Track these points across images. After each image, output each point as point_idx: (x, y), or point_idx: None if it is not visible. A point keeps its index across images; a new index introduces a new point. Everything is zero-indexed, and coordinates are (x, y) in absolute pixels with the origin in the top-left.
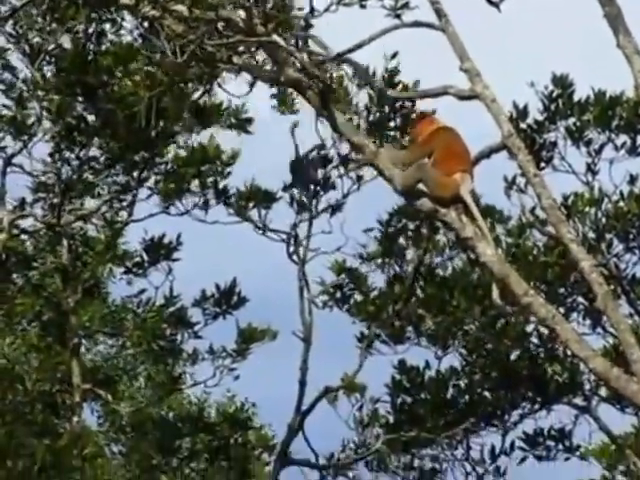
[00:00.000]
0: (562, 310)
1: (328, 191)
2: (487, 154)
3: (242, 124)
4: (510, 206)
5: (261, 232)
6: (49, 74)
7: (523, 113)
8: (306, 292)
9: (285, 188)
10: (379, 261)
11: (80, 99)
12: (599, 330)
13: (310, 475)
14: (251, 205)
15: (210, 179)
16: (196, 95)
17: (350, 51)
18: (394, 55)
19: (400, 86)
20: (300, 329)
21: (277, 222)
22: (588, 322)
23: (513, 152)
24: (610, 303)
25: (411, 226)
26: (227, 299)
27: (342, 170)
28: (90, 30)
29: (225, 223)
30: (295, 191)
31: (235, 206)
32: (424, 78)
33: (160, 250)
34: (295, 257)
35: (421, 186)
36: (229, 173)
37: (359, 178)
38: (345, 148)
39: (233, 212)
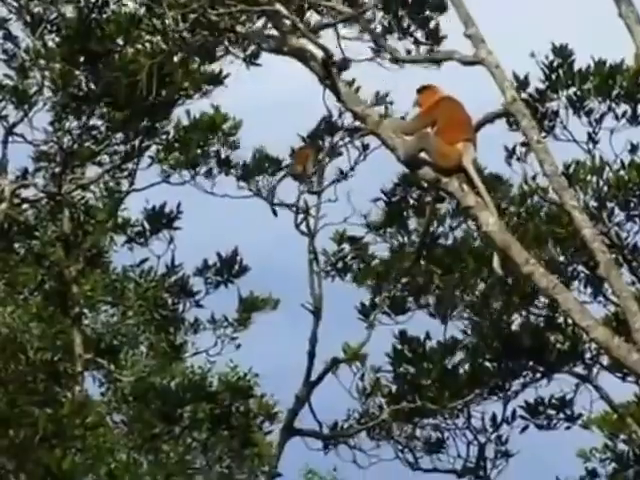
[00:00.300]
0: (563, 279)
1: (334, 159)
2: (491, 119)
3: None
4: (511, 174)
5: (269, 203)
6: (51, 43)
7: (524, 83)
8: (315, 264)
9: (292, 154)
10: (383, 231)
11: (82, 67)
12: (600, 299)
13: (314, 445)
14: (258, 174)
15: (213, 148)
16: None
17: (361, 12)
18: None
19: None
20: (308, 301)
21: (283, 194)
22: (589, 291)
23: (517, 118)
24: (613, 271)
25: (415, 195)
26: (228, 268)
27: (348, 139)
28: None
29: (233, 197)
30: None
31: (242, 175)
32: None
33: (161, 219)
34: (304, 228)
35: (424, 155)
36: (237, 145)
37: (365, 147)
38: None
39: (241, 182)
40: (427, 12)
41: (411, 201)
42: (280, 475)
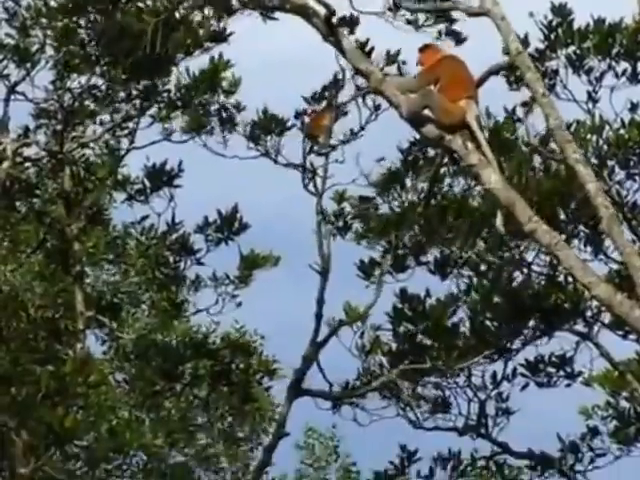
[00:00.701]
0: (563, 237)
1: (341, 117)
2: (496, 71)
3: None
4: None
5: (276, 163)
6: (53, 2)
7: (524, 42)
8: (323, 224)
9: (297, 115)
10: (386, 192)
11: (84, 25)
12: (601, 257)
13: (320, 405)
14: (264, 134)
15: (215, 107)
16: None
17: None
18: None
19: None
20: (314, 261)
21: (289, 154)
22: (589, 249)
23: (522, 70)
24: (615, 226)
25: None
26: (229, 225)
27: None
28: None
29: (242, 158)
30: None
31: (249, 134)
32: None
33: (162, 177)
34: (312, 188)
35: (427, 112)
36: (240, 106)
37: (377, 108)
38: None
39: (252, 144)
40: None
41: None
42: (288, 434)
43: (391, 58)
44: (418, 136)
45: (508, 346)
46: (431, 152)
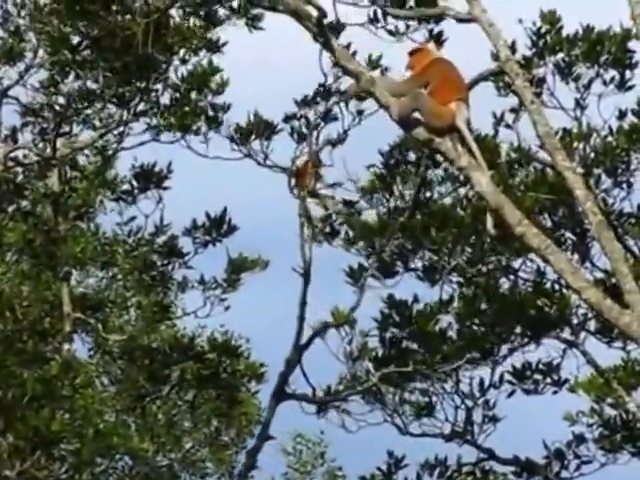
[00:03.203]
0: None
1: (329, 123)
2: (486, 76)
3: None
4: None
5: (262, 166)
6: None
7: (512, 49)
8: (306, 227)
9: (286, 119)
10: (371, 196)
11: (77, 28)
12: (587, 265)
13: (305, 409)
14: (253, 137)
15: (202, 104)
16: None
17: None
18: None
19: None
20: (298, 264)
21: (276, 154)
22: (576, 257)
23: (510, 77)
24: (604, 232)
25: (412, 158)
26: (217, 227)
27: (343, 104)
28: None
29: (226, 159)
30: (296, 122)
31: (236, 138)
32: None
33: (150, 178)
34: (296, 191)
35: (417, 115)
36: (228, 106)
37: (360, 112)
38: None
39: (235, 146)
40: None
41: (404, 165)
42: (274, 438)
43: (372, 63)
44: (403, 139)
45: (495, 351)
46: (412, 156)
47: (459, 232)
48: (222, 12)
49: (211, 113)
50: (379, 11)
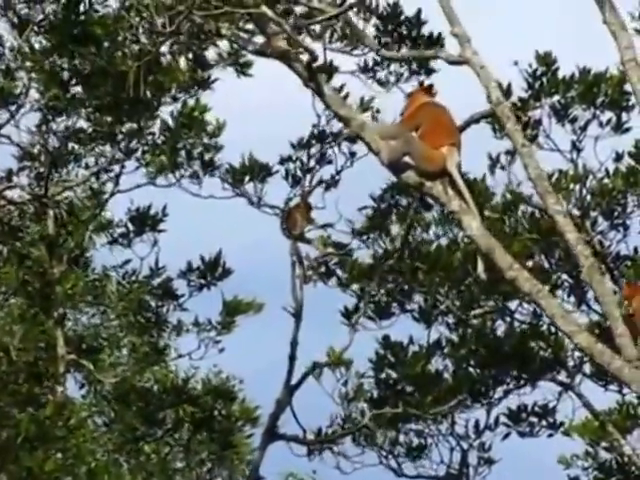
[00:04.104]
0: (547, 287)
1: (324, 166)
2: (477, 119)
3: (241, 67)
4: (494, 182)
5: (255, 207)
6: (37, 45)
7: (507, 91)
8: (298, 267)
9: (282, 162)
10: (367, 237)
11: (68, 68)
12: (584, 308)
13: (297, 450)
14: (247, 179)
15: (198, 150)
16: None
17: (342, 12)
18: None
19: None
20: (290, 304)
21: (269, 195)
22: (573, 299)
23: (502, 120)
24: (596, 276)
25: (404, 202)
26: (212, 270)
27: (337, 147)
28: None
29: (219, 198)
30: (291, 165)
31: (230, 179)
32: None
33: (146, 221)
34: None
35: (408, 159)
36: (220, 147)
37: (352, 154)
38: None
39: (227, 185)
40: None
41: (395, 208)
42: (263, 478)
43: (364, 105)
44: (395, 182)
45: (490, 394)
46: (404, 201)
47: (448, 276)
48: (211, 55)
49: (206, 155)
50: (370, 60)
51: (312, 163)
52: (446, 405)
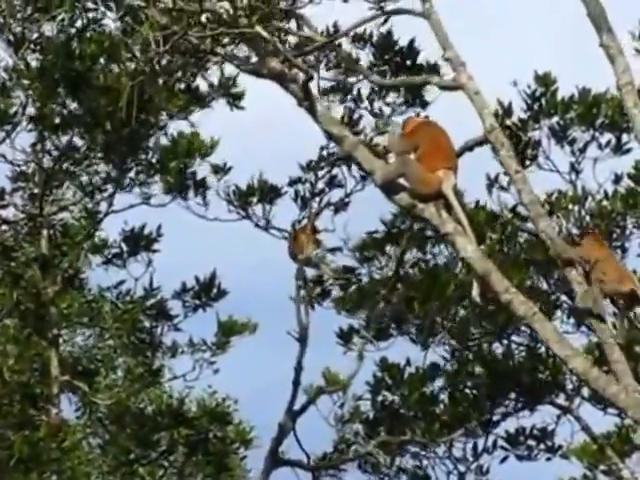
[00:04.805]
0: (545, 308)
1: (333, 189)
2: (470, 147)
3: (233, 98)
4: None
5: (260, 228)
6: (33, 63)
7: (507, 111)
8: (303, 292)
9: (290, 183)
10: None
11: (63, 89)
12: (583, 328)
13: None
14: (255, 200)
15: (191, 169)
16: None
17: (334, 39)
18: (386, 20)
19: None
20: (294, 328)
21: (277, 217)
22: (572, 321)
23: (495, 147)
24: (589, 302)
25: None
26: (207, 291)
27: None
28: (74, 19)
29: (224, 220)
30: (300, 187)
31: (234, 201)
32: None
33: (140, 241)
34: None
35: (402, 181)
36: (229, 168)
37: (364, 178)
38: None
39: (233, 208)
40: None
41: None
42: None
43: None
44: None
45: (488, 417)
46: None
47: (443, 305)
48: (203, 86)
49: (211, 176)
50: (363, 91)
51: (321, 185)
52: (446, 432)
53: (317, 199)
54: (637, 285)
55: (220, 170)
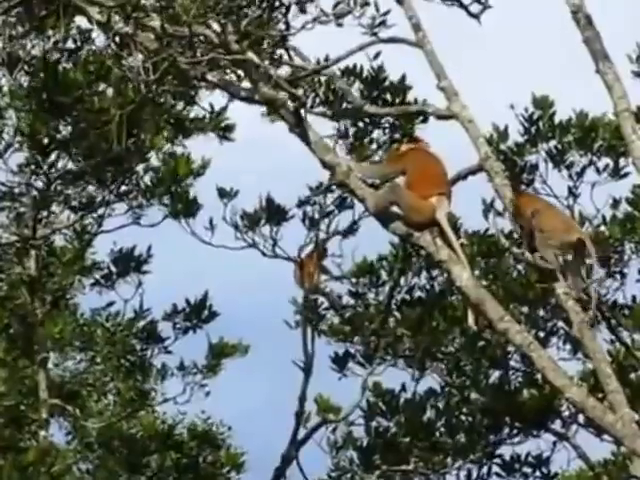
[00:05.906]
0: (542, 334)
1: (343, 211)
2: (464, 175)
3: (223, 131)
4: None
5: (267, 256)
6: (26, 84)
7: (503, 135)
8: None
9: (299, 205)
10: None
11: (51, 116)
12: (579, 355)
13: None
14: (262, 222)
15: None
16: (173, 110)
17: (326, 67)
18: (377, 55)
19: (387, 82)
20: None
21: (284, 240)
22: (568, 347)
23: (490, 175)
24: (586, 331)
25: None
26: (198, 313)
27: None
28: (65, 40)
29: (231, 248)
30: (309, 208)
31: (240, 226)
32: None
33: (130, 262)
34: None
35: (395, 208)
36: (237, 192)
37: None
38: None
39: (240, 234)
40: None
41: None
42: None
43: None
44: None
45: (484, 444)
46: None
47: (434, 340)
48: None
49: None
50: (350, 129)
51: (331, 207)
52: (443, 461)
53: (326, 220)
54: (584, 233)
55: (227, 194)
